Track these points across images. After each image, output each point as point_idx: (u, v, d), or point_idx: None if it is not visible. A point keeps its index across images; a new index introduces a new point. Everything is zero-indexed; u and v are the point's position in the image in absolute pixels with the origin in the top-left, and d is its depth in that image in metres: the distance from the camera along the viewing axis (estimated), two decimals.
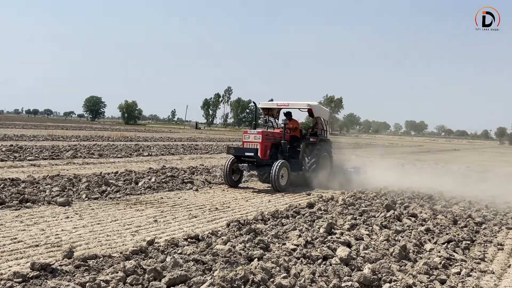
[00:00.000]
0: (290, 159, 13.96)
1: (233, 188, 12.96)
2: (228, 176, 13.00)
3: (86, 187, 10.69)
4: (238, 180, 13.49)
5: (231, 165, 13.09)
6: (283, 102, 14.79)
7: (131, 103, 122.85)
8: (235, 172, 13.36)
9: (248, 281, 4.81)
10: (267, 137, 13.51)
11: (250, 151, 12.93)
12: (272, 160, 13.32)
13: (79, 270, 4.97)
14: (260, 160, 12.98)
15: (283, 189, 12.81)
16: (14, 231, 6.78)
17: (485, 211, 10.48)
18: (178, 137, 47.06)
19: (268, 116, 15.53)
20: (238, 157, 13.20)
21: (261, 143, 13.17)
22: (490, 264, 6.50)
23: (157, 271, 4.83)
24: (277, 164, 12.65)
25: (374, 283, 5.16)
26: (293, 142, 14.66)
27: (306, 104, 14.41)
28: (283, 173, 12.93)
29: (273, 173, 12.51)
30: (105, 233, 7.00)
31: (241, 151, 13.19)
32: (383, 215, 9.06)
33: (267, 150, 13.41)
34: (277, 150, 13.80)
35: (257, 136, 13.29)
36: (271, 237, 6.86)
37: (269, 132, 14.25)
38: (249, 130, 13.91)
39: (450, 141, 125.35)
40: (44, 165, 15.47)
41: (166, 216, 8.51)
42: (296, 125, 15.14)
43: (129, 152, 22.76)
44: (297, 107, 14.87)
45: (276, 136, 13.99)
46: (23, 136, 29.74)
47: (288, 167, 13.17)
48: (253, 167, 13.17)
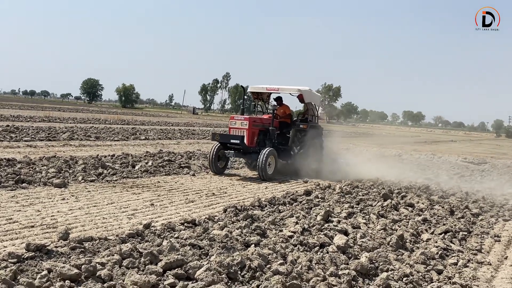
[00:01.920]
0: (279, 146, 13.46)
1: (218, 175, 12.44)
2: (213, 163, 12.47)
3: (83, 169, 10.62)
4: (223, 167, 12.98)
5: (216, 152, 12.55)
6: (273, 87, 14.12)
7: (128, 86, 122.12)
8: (221, 159, 12.87)
9: (244, 267, 4.79)
10: (254, 123, 12.85)
11: (236, 138, 12.28)
12: (259, 147, 12.76)
13: (74, 252, 4.92)
14: (247, 148, 12.42)
15: (270, 178, 12.25)
16: (9, 211, 6.72)
17: (482, 202, 10.48)
18: (175, 121, 46.94)
19: (258, 101, 14.95)
20: (224, 144, 12.65)
21: (248, 129, 12.55)
22: (487, 255, 6.50)
23: (153, 254, 4.79)
24: (264, 152, 12.10)
25: (371, 272, 5.15)
26: (283, 129, 14.03)
27: (296, 89, 13.83)
28: (270, 162, 12.39)
29: (260, 161, 11.96)
30: (101, 215, 6.95)
31: (227, 138, 12.59)
32: (380, 204, 9.05)
33: (254, 137, 12.81)
34: (265, 137, 13.21)
35: (243, 122, 12.67)
36: (268, 224, 6.83)
37: (256, 118, 13.61)
38: (235, 115, 13.32)
39: (447, 132, 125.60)
40: (41, 146, 15.37)
41: (163, 200, 8.47)
42: (287, 111, 14.52)
43: (126, 135, 22.68)
44: (287, 91, 14.21)
45: (265, 122, 13.30)
46: (20, 116, 29.56)
47: (275, 155, 12.64)
48: (240, 154, 12.67)
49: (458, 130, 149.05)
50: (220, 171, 12.72)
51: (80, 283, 4.15)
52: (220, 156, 12.78)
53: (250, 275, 4.69)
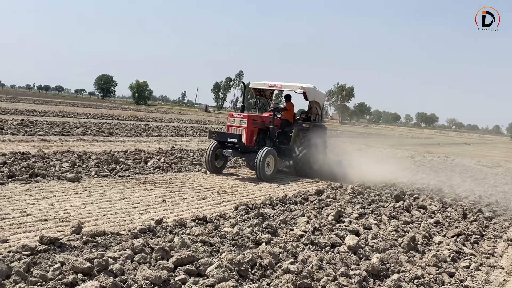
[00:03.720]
0: (280, 146, 13.00)
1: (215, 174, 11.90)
2: (210, 162, 11.88)
3: (96, 164, 10.71)
4: (221, 166, 12.43)
5: (213, 150, 11.99)
6: (275, 83, 13.42)
7: (142, 83, 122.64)
8: (219, 158, 12.33)
9: (255, 265, 4.79)
10: (253, 121, 12.27)
11: (233, 137, 11.70)
12: (259, 146, 12.22)
13: (87, 246, 4.97)
14: (245, 147, 11.87)
15: (268, 178, 11.67)
16: (23, 204, 6.80)
17: (495, 206, 10.37)
18: (188, 119, 47.04)
19: (260, 98, 14.43)
20: (222, 142, 12.07)
21: (247, 128, 12.00)
22: (500, 259, 6.44)
23: (165, 250, 4.82)
24: (262, 151, 11.52)
25: (382, 273, 5.13)
26: (285, 128, 13.48)
27: (299, 86, 13.17)
28: (269, 161, 11.83)
29: (258, 161, 11.42)
30: (113, 210, 7.01)
31: (224, 136, 12.00)
32: (392, 206, 8.99)
33: (253, 135, 12.26)
34: (265, 135, 12.67)
35: (242, 120, 12.10)
36: (279, 222, 6.84)
37: (256, 116, 12.95)
38: (234, 113, 12.72)
39: (460, 135, 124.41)
40: (55, 140, 15.52)
41: (175, 197, 8.50)
42: (290, 109, 13.89)
43: (139, 131, 22.81)
44: (290, 88, 13.64)
45: (265, 121, 12.70)
46: (34, 111, 29.84)
47: (275, 154, 12.02)
48: (238, 153, 12.10)
49: (472, 133, 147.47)
50: (217, 170, 12.15)
51: (92, 276, 4.18)
52: (218, 155, 12.28)
53: (260, 273, 4.70)
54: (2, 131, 16.05)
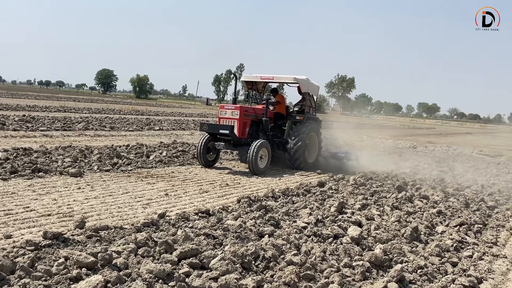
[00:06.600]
0: (274, 138, 12.76)
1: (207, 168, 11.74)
2: (202, 155, 11.67)
3: (98, 159, 10.73)
4: (214, 160, 12.19)
5: (205, 143, 11.77)
6: (267, 76, 13.15)
7: (142, 77, 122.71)
8: (211, 151, 12.11)
9: (258, 257, 4.80)
10: (246, 113, 12.00)
11: (225, 128, 11.42)
12: (252, 139, 11.97)
13: (90, 241, 4.99)
14: (237, 139, 11.62)
15: (261, 172, 11.41)
16: (26, 200, 6.82)
17: (497, 195, 10.37)
18: (189, 112, 47.04)
19: (252, 91, 14.18)
20: (214, 135, 11.86)
21: (239, 119, 11.73)
22: (503, 248, 6.45)
23: (168, 244, 4.83)
24: (255, 144, 11.24)
25: (385, 263, 5.14)
26: (278, 120, 13.27)
27: (292, 78, 12.85)
28: (263, 154, 11.57)
29: (250, 154, 11.12)
30: (116, 204, 7.02)
31: (216, 128, 11.70)
32: (394, 196, 9.00)
33: (246, 127, 12.01)
34: (258, 128, 12.49)
35: (234, 112, 11.81)
36: (282, 214, 6.85)
37: (248, 107, 12.68)
38: (225, 104, 12.48)
39: (462, 124, 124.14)
40: (56, 136, 15.54)
41: (177, 190, 8.52)
42: (282, 102, 13.63)
43: (140, 126, 22.83)
44: (283, 81, 13.55)
45: (258, 113, 12.44)
46: (36, 106, 29.85)
47: (268, 147, 11.73)
48: (230, 146, 11.91)
49: (474, 123, 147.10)
50: (209, 164, 11.92)
51: (96, 271, 4.19)
52: (210, 148, 12.06)
53: (264, 265, 4.71)
54: (4, 127, 16.06)
